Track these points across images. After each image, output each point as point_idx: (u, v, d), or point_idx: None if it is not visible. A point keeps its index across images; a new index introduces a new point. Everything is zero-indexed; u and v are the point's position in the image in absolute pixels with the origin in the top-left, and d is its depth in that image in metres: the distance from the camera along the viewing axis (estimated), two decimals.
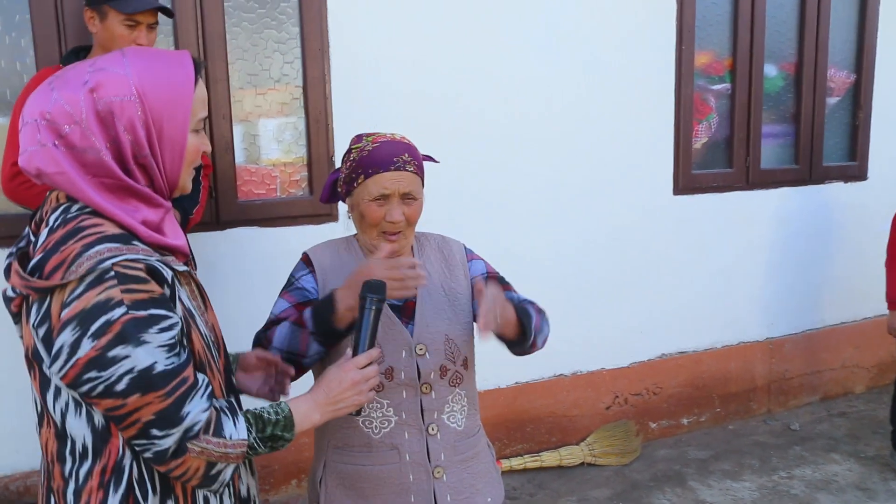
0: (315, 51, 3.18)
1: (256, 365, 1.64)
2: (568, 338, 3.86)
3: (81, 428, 1.24)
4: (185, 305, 1.29)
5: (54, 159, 1.20)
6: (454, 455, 1.80)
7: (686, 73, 3.97)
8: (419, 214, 1.78)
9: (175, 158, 1.29)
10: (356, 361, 1.49)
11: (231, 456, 1.27)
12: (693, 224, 4.10)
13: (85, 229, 1.20)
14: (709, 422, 4.32)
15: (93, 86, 1.21)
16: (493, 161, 3.57)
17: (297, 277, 1.80)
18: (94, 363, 1.15)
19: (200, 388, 1.25)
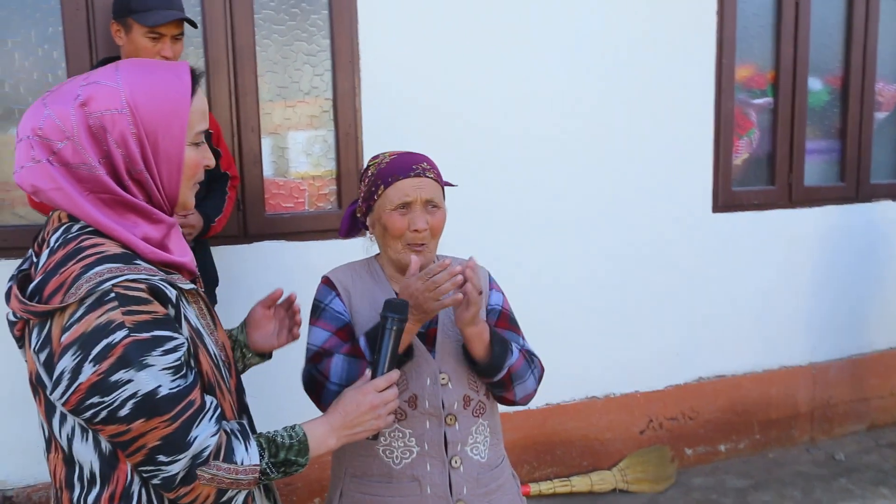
0: (345, 63, 3.14)
1: (265, 314, 1.59)
2: (600, 359, 3.75)
3: (88, 454, 1.20)
4: (192, 325, 1.24)
5: (50, 175, 1.16)
6: (477, 488, 1.73)
7: (726, 87, 3.85)
8: (443, 225, 1.72)
9: (172, 173, 1.24)
10: (375, 384, 1.43)
11: (242, 482, 1.23)
12: (732, 242, 3.97)
13: (85, 250, 1.16)
14: (748, 449, 4.16)
15: (84, 100, 1.17)
16: (525, 177, 3.50)
17: (326, 303, 1.73)
18: (97, 388, 1.11)
19: (208, 411, 1.20)
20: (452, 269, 1.51)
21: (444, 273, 1.51)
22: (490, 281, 1.86)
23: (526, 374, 1.72)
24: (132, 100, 1.18)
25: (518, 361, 1.70)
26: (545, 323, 3.61)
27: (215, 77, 2.96)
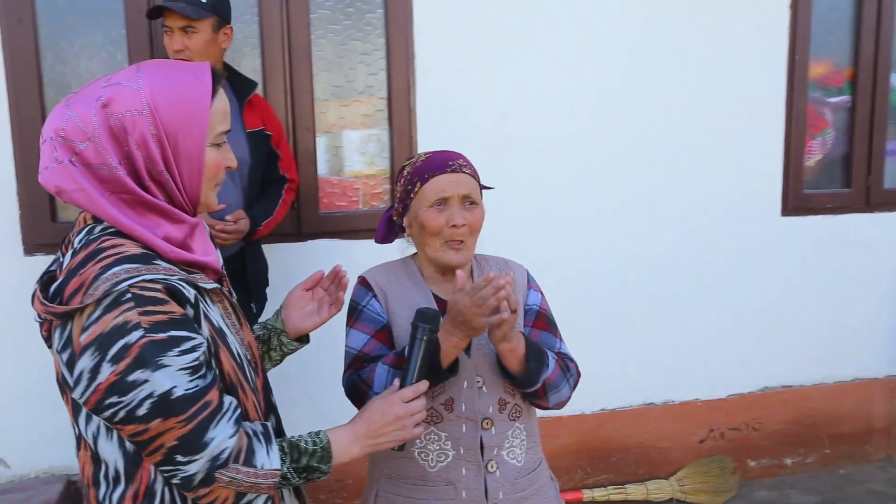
0: (400, 62, 3.14)
1: (304, 295, 1.57)
2: (659, 364, 3.65)
3: (113, 452, 1.22)
4: (213, 324, 1.25)
5: (72, 176, 1.18)
6: (513, 492, 1.70)
7: (799, 85, 3.67)
8: (481, 222, 1.69)
9: (193, 174, 1.25)
10: (402, 394, 1.41)
11: (262, 487, 1.23)
12: (804, 247, 3.79)
13: (104, 251, 1.17)
14: (816, 464, 3.97)
15: (105, 101, 1.18)
16: (585, 176, 3.42)
17: (364, 304, 1.72)
18: (115, 388, 1.12)
19: (227, 412, 1.20)
20: (497, 282, 1.46)
21: (489, 289, 1.46)
22: (529, 280, 1.82)
23: (561, 384, 1.68)
24: (152, 101, 1.19)
25: (553, 374, 1.66)
26: (603, 326, 3.53)
27: (271, 77, 3.01)
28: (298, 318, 1.57)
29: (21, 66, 2.77)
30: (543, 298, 1.83)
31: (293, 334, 1.57)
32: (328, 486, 3.26)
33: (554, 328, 1.80)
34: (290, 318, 1.57)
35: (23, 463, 2.92)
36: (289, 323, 1.57)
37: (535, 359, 1.61)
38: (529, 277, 1.83)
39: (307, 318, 1.57)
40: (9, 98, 2.77)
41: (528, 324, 1.77)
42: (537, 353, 1.62)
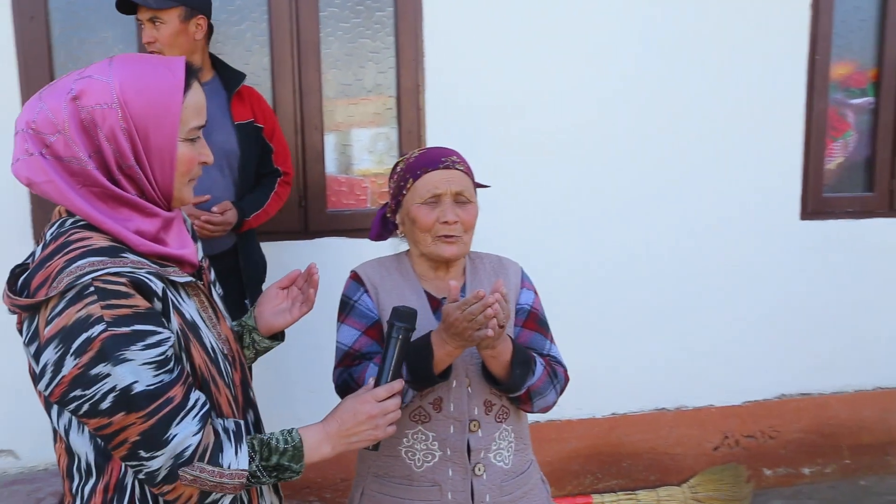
0: (409, 61, 3.13)
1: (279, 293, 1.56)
2: (672, 368, 3.59)
3: (84, 445, 1.22)
4: (185, 318, 1.24)
5: (42, 168, 1.18)
6: (500, 496, 1.68)
7: (820, 86, 3.59)
8: (474, 220, 1.67)
9: (165, 168, 1.23)
10: (375, 394, 1.38)
11: (227, 486, 1.21)
12: (823, 252, 3.70)
13: (72, 244, 1.17)
14: (835, 474, 3.87)
15: (76, 94, 1.18)
16: (597, 178, 3.38)
17: (355, 299, 1.72)
18: (78, 381, 1.12)
19: (192, 408, 1.19)
20: (486, 300, 1.44)
21: (478, 305, 1.44)
22: (523, 278, 1.80)
23: (546, 390, 1.65)
24: (122, 94, 1.18)
25: (539, 380, 1.63)
26: (614, 328, 3.48)
27: (280, 74, 3.02)
28: (271, 315, 1.55)
29: (33, 64, 2.81)
30: (537, 298, 1.80)
31: (265, 332, 1.55)
32: (335, 484, 3.25)
33: (545, 329, 1.77)
34: (263, 314, 1.55)
35: (32, 455, 2.95)
36: (261, 320, 1.55)
37: (521, 366, 1.58)
38: (524, 276, 1.81)
39: (279, 315, 1.55)
40: (21, 95, 2.81)
41: (519, 323, 1.75)
42: (524, 360, 1.60)
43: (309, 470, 1.37)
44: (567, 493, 3.54)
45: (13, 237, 2.86)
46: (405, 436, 1.66)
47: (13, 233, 2.86)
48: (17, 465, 2.96)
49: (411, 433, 1.65)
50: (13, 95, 2.81)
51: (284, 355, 1.72)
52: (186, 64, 1.26)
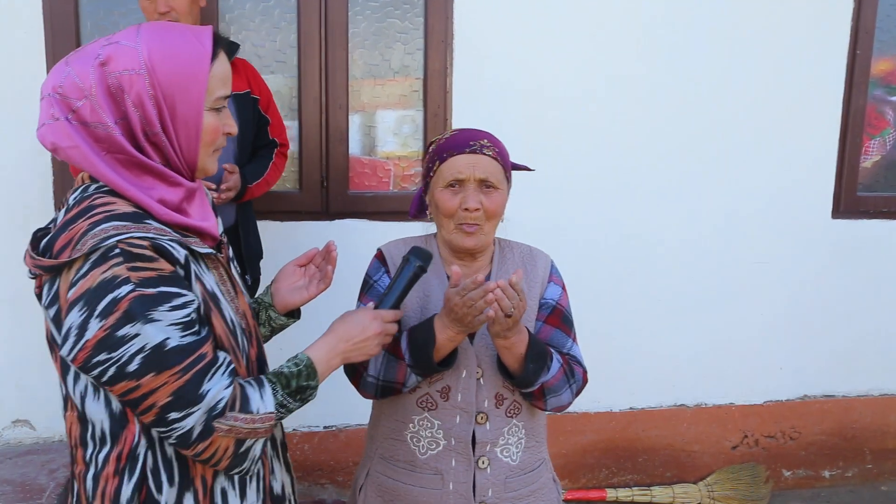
0: (438, 42, 3.07)
1: (296, 270, 1.56)
2: (693, 365, 3.53)
3: (100, 412, 1.21)
4: (206, 288, 1.23)
5: (67, 134, 1.17)
6: (504, 492, 1.64)
7: (859, 82, 3.48)
8: (500, 208, 1.61)
9: (190, 137, 1.23)
10: (384, 314, 1.42)
11: (260, 431, 1.22)
12: (854, 252, 3.61)
13: (95, 208, 1.17)
14: (856, 478, 3.80)
15: (104, 59, 1.17)
16: (624, 171, 3.31)
17: (375, 279, 1.70)
18: (104, 344, 1.11)
19: (221, 365, 1.19)
20: (487, 286, 1.42)
21: (478, 291, 1.42)
22: (552, 272, 1.74)
23: (561, 388, 1.60)
24: (150, 61, 1.17)
25: (554, 378, 1.58)
26: (636, 322, 3.43)
27: (306, 52, 2.98)
28: (287, 292, 1.54)
29: (61, 35, 2.79)
30: (564, 294, 1.74)
31: (281, 309, 1.55)
32: (346, 468, 3.24)
33: (568, 326, 1.71)
34: (279, 291, 1.55)
35: (47, 426, 2.97)
36: (277, 296, 1.55)
37: (535, 360, 1.54)
38: (553, 269, 1.75)
39: (296, 292, 1.54)
40: (48, 63, 2.80)
41: (541, 318, 1.69)
42: (539, 355, 1.55)
43: (321, 453, 1.36)
44: (581, 486, 3.51)
45: (35, 203, 2.85)
46: (411, 421, 1.64)
47: (35, 199, 2.86)
48: (33, 436, 2.97)
49: (417, 419, 1.63)
50: (40, 63, 2.80)
51: (301, 335, 1.70)
52: (214, 33, 1.25)
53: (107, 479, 1.21)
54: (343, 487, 3.24)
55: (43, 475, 2.68)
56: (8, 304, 2.87)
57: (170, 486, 1.22)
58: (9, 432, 2.96)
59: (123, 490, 1.20)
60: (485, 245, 1.64)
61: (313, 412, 3.08)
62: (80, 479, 1.25)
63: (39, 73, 2.79)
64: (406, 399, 1.64)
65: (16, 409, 2.95)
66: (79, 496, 1.25)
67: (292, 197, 3.07)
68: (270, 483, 1.37)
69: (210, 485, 1.25)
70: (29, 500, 2.49)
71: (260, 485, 1.34)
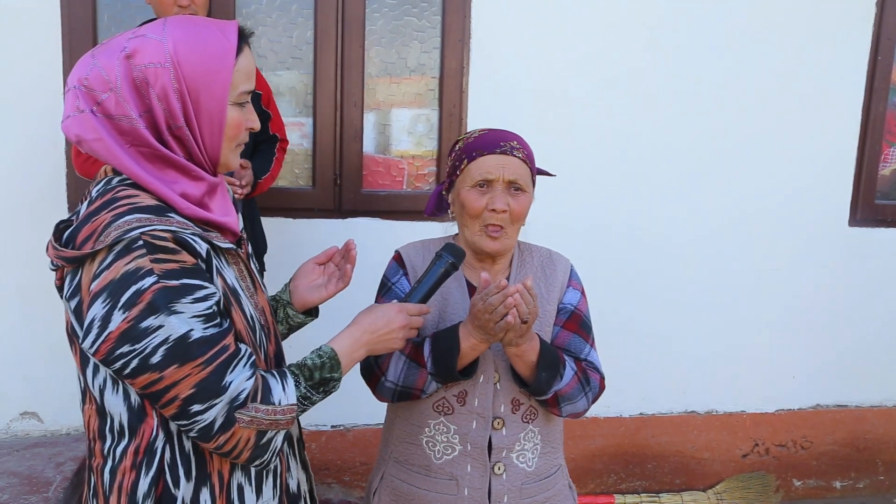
0: (455, 41, 3.05)
1: (315, 269, 1.56)
2: (705, 372, 3.50)
3: (118, 405, 1.21)
4: (227, 283, 1.23)
5: (92, 126, 1.17)
6: (520, 498, 1.62)
7: (880, 88, 3.45)
8: (526, 211, 1.59)
9: (214, 132, 1.23)
10: (408, 308, 1.43)
11: (281, 423, 1.21)
12: (870, 261, 3.57)
13: (119, 200, 1.17)
14: (868, 490, 3.76)
15: (129, 52, 1.17)
16: (638, 174, 3.28)
17: (393, 281, 1.69)
18: (127, 336, 1.10)
19: (243, 357, 1.19)
20: (507, 290, 1.41)
21: (498, 296, 1.41)
22: (571, 276, 1.71)
23: (577, 396, 1.58)
24: (176, 55, 1.17)
25: (568, 385, 1.56)
26: (647, 327, 3.40)
27: (322, 48, 2.96)
28: (306, 290, 1.54)
29: (77, 27, 2.78)
30: (583, 299, 1.71)
31: (299, 307, 1.54)
32: (354, 468, 3.22)
33: (586, 332, 1.68)
34: (298, 289, 1.55)
35: (55, 419, 2.96)
36: (296, 294, 1.54)
37: (547, 369, 1.52)
38: (572, 274, 1.72)
39: (314, 290, 1.54)
40: (64, 57, 2.79)
41: (559, 323, 1.67)
42: (551, 364, 1.53)
43: (329, 453, 1.36)
44: (590, 492, 3.48)
45: (47, 198, 2.84)
46: (427, 425, 1.62)
47: (47, 194, 2.85)
48: (41, 428, 2.96)
49: (433, 423, 1.62)
50: (56, 57, 2.78)
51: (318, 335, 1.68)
52: (238, 28, 1.25)
53: (124, 473, 1.20)
54: (350, 487, 3.22)
55: (50, 468, 2.67)
56: (16, 297, 2.86)
57: (187, 482, 1.21)
58: (16, 424, 2.95)
59: (140, 484, 1.19)
60: (508, 249, 1.63)
61: (321, 411, 3.07)
62: (97, 472, 1.24)
63: (56, 66, 2.78)
64: (422, 403, 1.62)
65: (23, 401, 2.94)
66: (95, 489, 1.25)
67: (305, 194, 3.06)
68: (286, 480, 1.36)
69: (227, 480, 1.25)
70: (36, 493, 2.48)
71: (277, 481, 1.33)
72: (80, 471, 2.69)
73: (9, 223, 2.83)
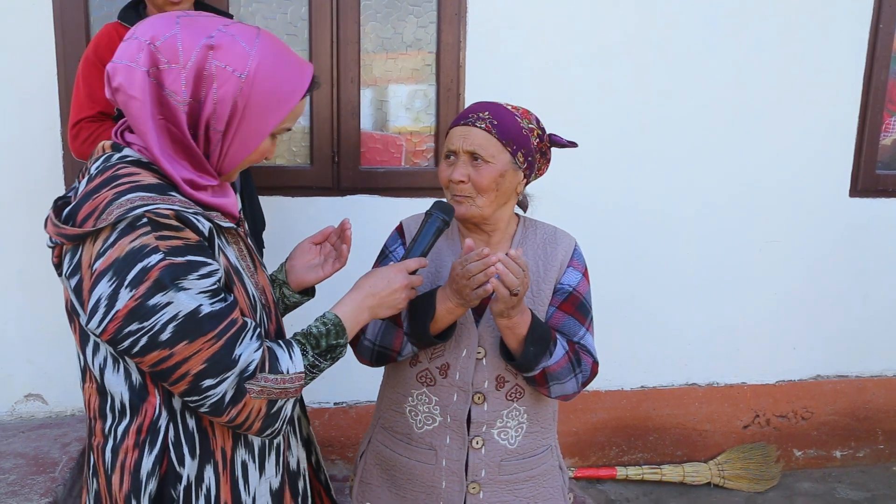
0: (451, 15, 3.02)
1: (311, 248, 1.56)
2: (705, 344, 3.51)
3: (119, 385, 1.20)
4: (230, 262, 1.23)
5: (140, 85, 1.16)
6: (499, 474, 1.63)
7: (881, 56, 3.42)
8: (490, 182, 1.55)
9: (241, 151, 1.23)
10: (407, 265, 1.44)
11: (290, 391, 1.22)
12: (871, 231, 3.56)
13: (120, 178, 1.16)
14: (868, 459, 3.79)
15: (215, 43, 1.17)
16: (638, 148, 3.26)
17: (391, 250, 1.71)
18: (135, 314, 1.10)
19: (249, 329, 1.19)
20: (488, 259, 1.40)
21: (479, 264, 1.41)
22: (574, 255, 1.68)
23: (565, 376, 1.56)
24: (255, 73, 1.18)
25: (557, 364, 1.54)
26: (648, 300, 3.40)
27: (317, 24, 2.93)
28: (302, 270, 1.54)
29: (69, 6, 2.75)
30: (584, 280, 1.67)
31: (295, 286, 1.54)
32: (356, 444, 3.24)
33: (583, 314, 1.65)
34: (294, 269, 1.54)
35: (59, 400, 2.98)
36: (292, 274, 1.54)
37: (536, 343, 1.50)
38: (575, 254, 1.68)
39: (311, 270, 1.54)
40: (56, 38, 2.76)
41: (555, 303, 1.64)
42: (541, 339, 1.51)
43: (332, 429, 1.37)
44: (591, 464, 3.50)
45: (44, 180, 2.83)
46: (410, 395, 1.65)
47: (44, 176, 2.84)
48: (45, 410, 2.98)
49: (416, 393, 1.64)
50: (48, 37, 2.76)
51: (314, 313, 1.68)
52: (313, 72, 1.27)
53: (126, 452, 1.20)
54: (353, 463, 3.25)
55: (56, 449, 2.69)
56: (19, 279, 2.86)
57: (191, 459, 1.21)
58: (21, 406, 2.97)
59: (144, 462, 1.19)
60: (477, 215, 1.59)
61: (324, 388, 3.10)
62: (97, 451, 1.24)
63: (48, 44, 2.76)
64: (407, 372, 1.65)
65: (28, 383, 2.96)
66: (96, 468, 1.25)
67: (303, 172, 3.04)
68: (287, 458, 1.37)
69: (230, 457, 1.26)
70: (42, 474, 2.50)
71: (279, 458, 1.34)
72: (86, 451, 2.72)
73: (8, 208, 2.83)
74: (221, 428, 1.24)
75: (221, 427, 1.24)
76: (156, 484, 1.20)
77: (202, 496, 1.22)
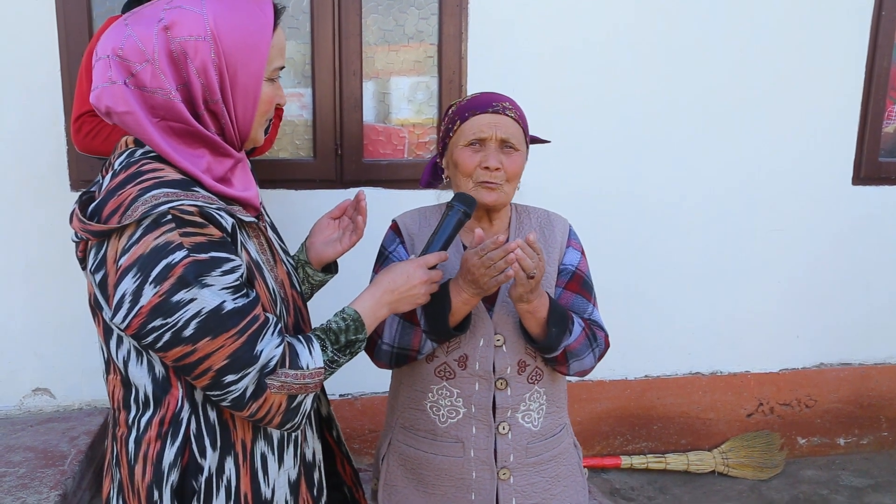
0: (453, 7, 3.02)
1: (330, 224, 1.58)
2: (709, 333, 3.52)
3: (143, 377, 1.22)
4: (251, 256, 1.24)
5: (124, 98, 1.16)
6: (526, 457, 1.65)
7: (883, 44, 3.41)
8: (520, 170, 1.60)
9: (248, 107, 1.22)
10: (426, 260, 1.43)
11: (310, 386, 1.23)
12: (874, 220, 3.56)
13: (144, 174, 1.16)
14: (871, 446, 3.80)
15: (167, 23, 1.16)
16: (641, 138, 3.27)
17: (390, 250, 1.70)
18: (159, 310, 1.11)
19: (270, 325, 1.20)
20: (507, 246, 1.42)
21: (499, 251, 1.42)
22: (570, 236, 1.72)
23: (584, 352, 1.60)
24: (216, 29, 1.16)
25: (577, 341, 1.57)
26: (651, 289, 3.41)
27: (319, 16, 2.93)
28: (322, 246, 1.56)
29: (72, 3, 2.75)
30: (583, 259, 1.72)
31: (316, 263, 1.56)
32: (363, 435, 3.26)
33: (588, 292, 1.70)
34: (314, 245, 1.57)
35: (67, 394, 3.00)
36: (312, 251, 1.57)
37: (557, 324, 1.53)
38: (571, 234, 1.73)
39: (330, 245, 1.56)
40: (59, 33, 2.77)
41: (561, 284, 1.68)
42: (560, 319, 1.54)
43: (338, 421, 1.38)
44: (596, 454, 3.52)
45: (48, 176, 2.85)
46: (430, 391, 1.64)
47: (48, 172, 2.85)
48: (53, 404, 3.00)
49: (436, 388, 1.64)
50: (51, 33, 2.76)
51: (319, 303, 1.70)
52: (273, 3, 1.25)
53: (149, 443, 1.22)
54: (359, 455, 3.27)
55: (64, 442, 2.71)
56: (24, 274, 2.88)
57: (213, 451, 1.23)
58: (29, 400, 2.99)
59: (166, 454, 1.21)
60: (504, 202, 1.63)
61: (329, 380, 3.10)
62: (121, 441, 1.25)
63: (52, 40, 2.76)
64: (424, 369, 1.64)
65: (36, 377, 2.98)
66: (118, 458, 1.26)
67: (306, 165, 3.05)
68: (304, 450, 1.39)
69: (250, 449, 1.27)
70: (51, 467, 2.52)
71: (297, 451, 1.35)
72: (94, 444, 2.74)
73: (13, 202, 2.84)
74: (242, 420, 1.25)
75: (242, 420, 1.25)
76: (178, 475, 1.21)
77: (223, 487, 1.24)
